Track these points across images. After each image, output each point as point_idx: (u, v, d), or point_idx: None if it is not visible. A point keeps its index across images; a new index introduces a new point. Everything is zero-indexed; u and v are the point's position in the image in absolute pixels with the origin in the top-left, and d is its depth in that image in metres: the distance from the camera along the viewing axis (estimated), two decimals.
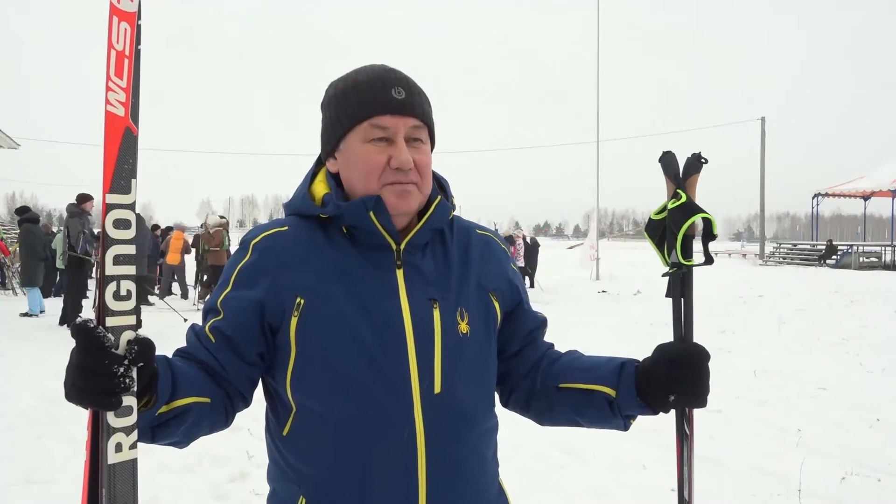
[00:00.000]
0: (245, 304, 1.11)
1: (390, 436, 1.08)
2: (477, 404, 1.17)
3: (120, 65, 0.90)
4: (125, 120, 0.91)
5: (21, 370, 6.73)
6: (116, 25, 0.90)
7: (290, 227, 1.18)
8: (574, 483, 3.88)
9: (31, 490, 3.67)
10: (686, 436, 1.21)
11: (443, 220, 1.21)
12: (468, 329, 1.16)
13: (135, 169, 0.93)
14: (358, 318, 1.10)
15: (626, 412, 1.20)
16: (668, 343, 1.19)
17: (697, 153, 1.23)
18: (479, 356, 1.19)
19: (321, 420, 1.10)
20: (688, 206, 1.19)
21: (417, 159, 1.14)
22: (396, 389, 1.09)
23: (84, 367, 0.84)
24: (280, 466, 1.16)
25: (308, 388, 1.11)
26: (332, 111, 1.18)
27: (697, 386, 1.14)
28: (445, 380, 1.12)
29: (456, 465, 1.12)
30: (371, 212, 1.12)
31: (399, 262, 1.15)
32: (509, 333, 1.28)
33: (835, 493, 3.74)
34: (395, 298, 1.12)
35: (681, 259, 1.20)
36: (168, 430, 1.02)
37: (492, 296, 1.22)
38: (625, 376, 1.19)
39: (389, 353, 1.09)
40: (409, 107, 1.14)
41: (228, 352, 1.10)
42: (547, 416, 1.30)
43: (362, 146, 1.13)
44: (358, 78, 1.16)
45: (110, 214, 0.91)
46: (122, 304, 0.90)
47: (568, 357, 1.31)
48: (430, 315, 1.13)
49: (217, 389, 1.10)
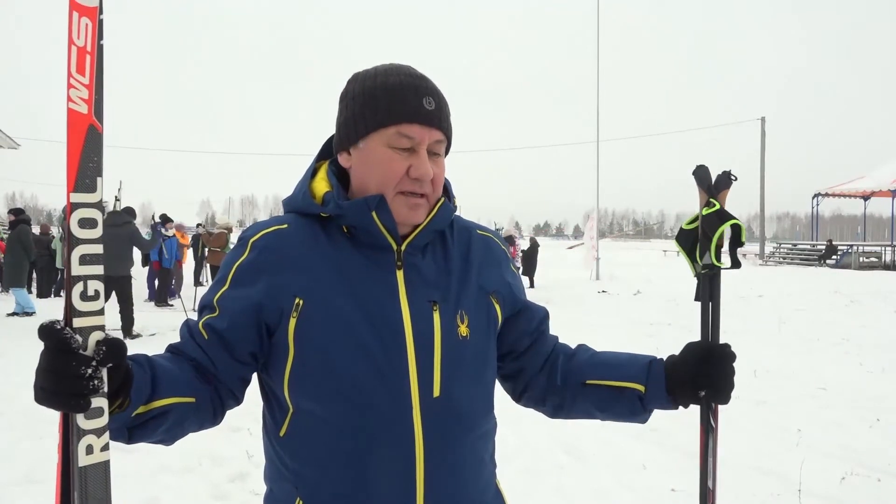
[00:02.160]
0: (242, 304, 1.10)
1: (389, 439, 1.08)
2: (476, 407, 1.17)
3: (81, 61, 0.88)
4: (88, 117, 0.89)
5: (21, 370, 6.72)
6: (77, 21, 0.87)
7: (289, 225, 1.16)
8: (574, 483, 3.88)
9: (31, 490, 3.67)
10: (712, 428, 1.26)
11: (445, 222, 1.21)
12: (468, 332, 1.16)
13: (100, 167, 0.91)
14: (358, 320, 1.09)
15: (651, 407, 1.25)
16: (697, 342, 1.24)
17: (728, 171, 1.33)
18: (479, 359, 1.19)
19: (319, 422, 1.09)
20: (722, 212, 1.27)
21: (435, 172, 1.14)
22: (395, 393, 1.08)
23: (51, 369, 0.83)
24: (277, 467, 1.15)
25: (306, 389, 1.10)
26: (356, 107, 1.14)
27: (724, 382, 1.20)
28: (444, 383, 1.11)
29: (454, 468, 1.12)
30: (374, 211, 1.11)
31: (400, 263, 1.14)
32: (518, 332, 1.28)
33: (835, 493, 3.74)
34: (396, 300, 1.11)
35: (714, 261, 1.26)
36: (146, 431, 1.00)
37: (492, 298, 1.22)
38: (654, 373, 1.24)
39: (389, 356, 1.08)
40: (437, 120, 1.13)
41: (220, 350, 1.09)
42: (564, 411, 1.32)
43: (385, 151, 1.12)
44: (389, 80, 1.13)
45: (75, 214, 0.88)
46: (90, 304, 0.89)
47: (585, 353, 1.34)
48: (430, 318, 1.12)
49: (205, 387, 1.08)
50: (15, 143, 20.64)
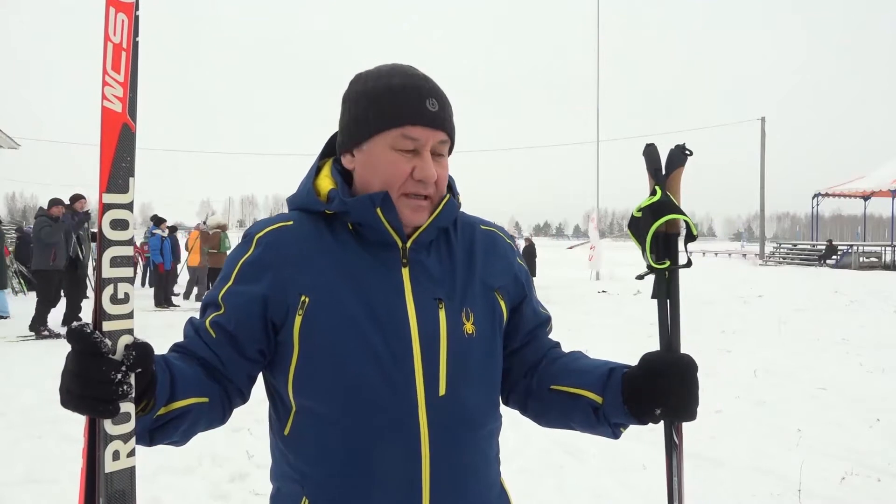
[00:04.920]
0: (247, 300, 1.09)
1: (394, 438, 1.07)
2: (481, 406, 1.16)
3: (117, 58, 0.85)
4: (123, 116, 0.86)
5: (21, 370, 6.73)
6: (113, 17, 0.85)
7: (294, 222, 1.15)
8: (574, 483, 3.88)
9: (31, 490, 3.67)
10: (675, 446, 1.15)
11: (450, 219, 1.20)
12: (473, 329, 1.14)
13: (133, 167, 0.88)
14: (364, 319, 1.08)
15: (613, 420, 1.16)
16: (653, 353, 1.13)
17: (681, 144, 1.15)
18: (485, 357, 1.17)
19: (323, 421, 1.08)
20: (659, 205, 1.11)
21: (439, 173, 1.13)
22: (401, 392, 1.07)
23: (80, 373, 0.81)
24: (283, 465, 1.15)
25: (310, 388, 1.09)
26: (360, 109, 1.14)
27: (685, 399, 1.09)
28: (450, 382, 1.10)
29: (460, 467, 1.11)
30: (378, 208, 1.10)
31: (405, 261, 1.14)
32: (510, 330, 1.25)
33: (835, 493, 3.74)
34: (401, 298, 1.11)
35: (651, 262, 1.13)
36: (166, 433, 1.00)
37: (497, 294, 1.21)
38: (611, 384, 1.15)
39: (395, 355, 1.08)
40: (441, 121, 1.13)
41: (229, 347, 1.09)
42: (542, 418, 1.28)
43: (388, 153, 1.11)
44: (392, 81, 1.12)
45: (107, 214, 0.86)
46: (120, 307, 0.86)
47: (567, 358, 1.27)
48: (436, 316, 1.11)
49: (215, 387, 1.08)
50: (15, 143, 20.61)
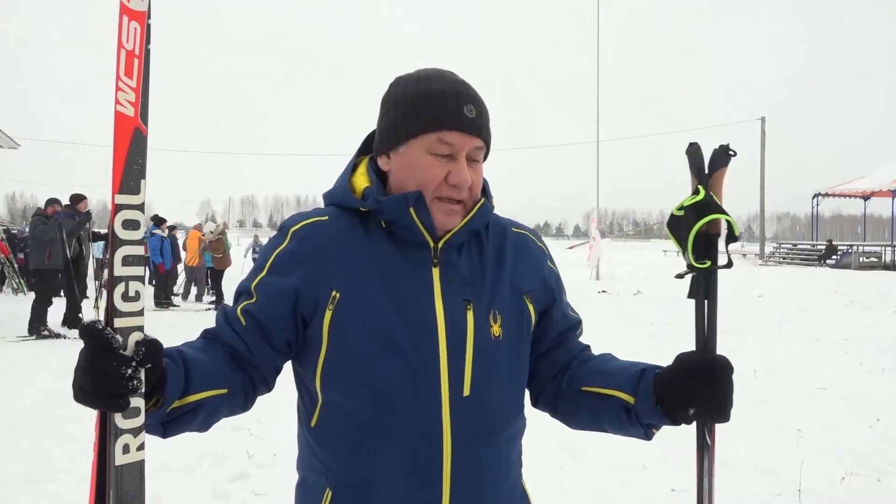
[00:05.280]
0: (280, 291, 1.11)
1: (417, 436, 1.08)
2: (505, 408, 1.17)
3: (130, 64, 0.90)
4: (135, 120, 0.91)
5: (22, 370, 6.73)
6: (126, 25, 0.89)
7: (329, 217, 1.18)
8: (574, 483, 3.88)
9: (31, 490, 3.67)
10: (707, 447, 1.14)
11: (483, 223, 1.21)
12: (500, 332, 1.16)
13: (144, 169, 0.93)
14: (392, 317, 1.10)
15: (645, 421, 1.16)
16: (688, 353, 1.13)
17: (725, 145, 1.16)
18: (511, 360, 1.18)
19: (348, 415, 1.10)
20: (703, 204, 1.12)
21: (473, 179, 1.15)
22: (426, 390, 1.09)
23: (92, 368, 0.85)
24: (308, 456, 1.17)
25: (337, 383, 1.11)
26: (398, 112, 1.15)
27: (719, 400, 1.09)
28: (475, 383, 1.11)
29: (481, 467, 1.12)
30: (412, 208, 1.12)
31: (436, 261, 1.15)
32: (540, 333, 1.27)
33: (835, 493, 3.74)
34: (430, 298, 1.12)
35: (692, 261, 1.13)
36: (180, 425, 1.03)
37: (526, 298, 1.21)
38: (644, 383, 1.15)
39: (421, 353, 1.09)
40: (478, 128, 1.14)
41: (258, 336, 1.11)
42: (572, 420, 1.29)
43: (424, 157, 1.13)
44: (432, 86, 1.14)
45: (119, 215, 0.90)
46: (131, 304, 0.90)
47: (597, 360, 1.28)
48: (464, 316, 1.12)
49: (239, 375, 1.10)
50: (15, 143, 20.61)
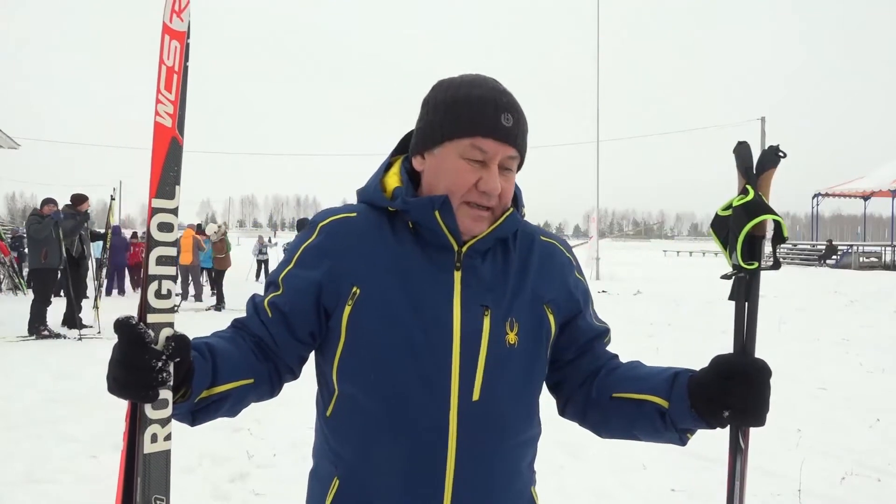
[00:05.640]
0: (305, 284, 1.14)
1: (423, 435, 1.09)
2: (516, 416, 1.16)
3: (170, 79, 0.97)
4: (172, 130, 0.98)
5: (22, 370, 6.73)
6: (168, 43, 0.97)
7: (358, 214, 1.20)
8: (574, 483, 3.88)
9: (31, 490, 3.67)
10: (741, 450, 1.12)
11: (510, 232, 1.21)
12: (516, 340, 1.15)
13: (179, 176, 0.99)
14: (409, 317, 1.11)
15: (680, 425, 1.14)
16: (726, 355, 1.11)
17: (775, 146, 1.13)
18: (525, 368, 1.17)
19: (360, 409, 1.13)
20: (753, 204, 1.10)
21: (504, 187, 1.15)
22: (435, 392, 1.10)
23: (125, 361, 0.89)
24: (322, 444, 1.20)
25: (352, 376, 1.14)
26: (437, 116, 1.17)
27: (755, 404, 1.06)
28: (485, 388, 1.11)
29: (484, 473, 1.12)
30: (437, 211, 1.13)
31: (458, 265, 1.16)
32: (565, 342, 1.26)
33: (835, 493, 3.74)
34: (449, 301, 1.13)
35: (741, 262, 1.11)
36: (209, 413, 1.07)
37: (546, 308, 1.21)
38: (678, 387, 1.13)
39: (434, 355, 1.10)
40: (514, 137, 1.15)
41: (282, 328, 1.14)
42: (603, 428, 1.27)
43: (457, 161, 1.14)
44: (471, 92, 1.15)
45: (155, 218, 0.96)
46: (163, 302, 0.96)
47: (626, 367, 1.26)
48: (480, 322, 1.13)
49: (265, 365, 1.14)
50: (15, 143, 20.62)
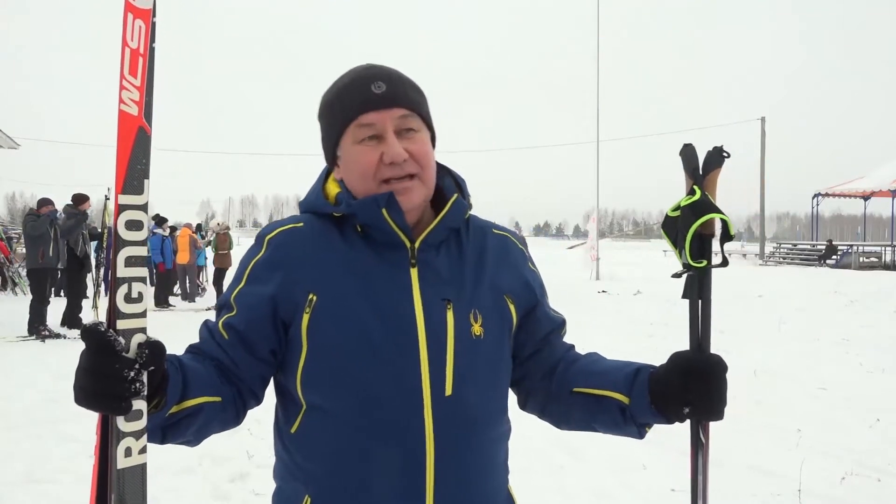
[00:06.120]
0: (258, 300, 1.11)
1: (399, 437, 1.07)
2: (488, 408, 1.16)
3: (134, 63, 0.89)
4: (139, 119, 0.90)
5: (22, 370, 6.73)
6: (131, 23, 0.88)
7: (304, 223, 1.17)
8: (574, 483, 3.88)
9: (31, 490, 3.67)
10: (702, 445, 1.16)
11: (459, 219, 1.20)
12: (482, 331, 1.14)
13: (147, 169, 0.91)
14: (370, 317, 1.09)
15: (639, 420, 1.17)
16: (684, 352, 1.14)
17: (719, 146, 1.17)
18: (492, 359, 1.17)
19: (330, 418, 1.09)
20: (700, 204, 1.13)
21: (412, 149, 1.12)
22: (407, 390, 1.07)
23: (94, 370, 0.84)
24: (286, 464, 1.15)
25: (318, 386, 1.10)
26: (325, 121, 1.19)
27: (714, 399, 1.10)
28: (457, 382, 1.10)
29: (464, 469, 1.11)
30: (384, 209, 1.11)
31: (413, 261, 1.14)
32: (525, 336, 1.25)
33: (835, 493, 3.74)
34: (409, 298, 1.11)
35: (690, 260, 1.14)
36: (179, 431, 1.01)
37: (507, 298, 1.20)
38: (638, 383, 1.16)
39: (401, 353, 1.08)
40: (391, 98, 1.12)
41: (241, 349, 1.10)
42: (563, 421, 1.29)
43: (354, 148, 1.13)
44: (341, 82, 1.17)
45: (122, 215, 0.89)
46: (134, 306, 0.89)
47: (585, 360, 1.28)
48: (444, 316, 1.11)
49: (228, 388, 1.09)
50: (15, 143, 20.62)
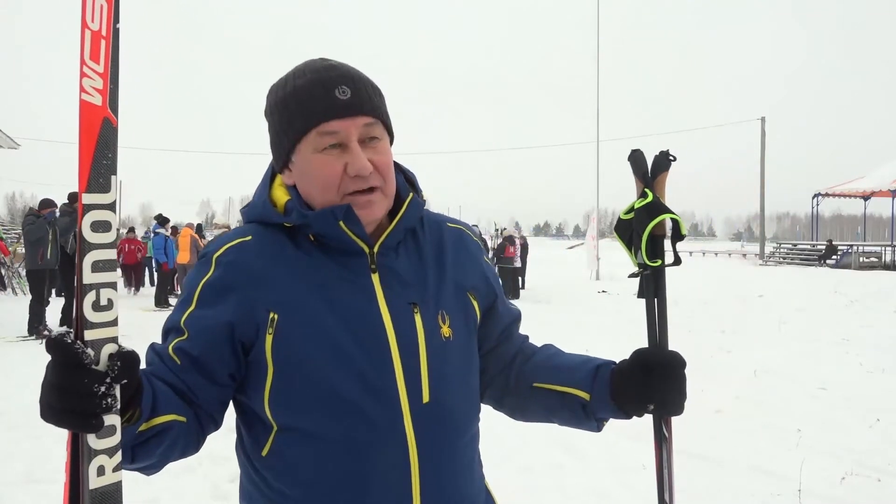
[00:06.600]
0: (212, 323, 1.03)
1: (382, 448, 1.03)
2: (464, 411, 1.13)
3: (96, 47, 0.79)
4: (103, 109, 0.81)
5: (21, 370, 6.73)
6: (91, 2, 0.78)
7: (252, 236, 1.09)
8: (574, 483, 3.88)
9: (31, 490, 3.67)
10: (665, 438, 1.18)
11: (415, 219, 1.16)
12: (451, 332, 1.12)
13: (114, 164, 0.82)
14: (337, 329, 1.04)
15: (598, 415, 1.19)
16: (644, 349, 1.16)
17: (665, 150, 1.20)
18: (464, 360, 1.15)
19: (307, 438, 1.04)
20: (653, 205, 1.17)
21: (376, 160, 1.06)
22: (384, 400, 1.03)
23: (60, 385, 0.76)
24: (259, 487, 1.09)
25: (290, 406, 1.04)
26: (276, 121, 1.10)
27: (674, 395, 1.12)
28: (434, 387, 1.07)
29: (449, 474, 1.09)
30: (342, 222, 1.05)
31: (374, 266, 1.09)
32: (486, 331, 1.24)
33: (835, 493, 3.74)
34: (374, 305, 1.06)
35: (646, 260, 1.18)
36: (148, 450, 0.94)
37: (470, 295, 1.18)
38: (600, 380, 1.17)
39: (374, 363, 1.04)
40: (357, 106, 1.05)
41: (196, 374, 1.02)
42: (519, 413, 1.29)
43: (315, 157, 1.06)
44: (297, 82, 1.07)
45: (88, 216, 0.80)
46: (103, 314, 0.81)
47: (543, 354, 1.28)
48: (412, 320, 1.08)
49: (190, 409, 1.02)
50: (15, 143, 20.65)
